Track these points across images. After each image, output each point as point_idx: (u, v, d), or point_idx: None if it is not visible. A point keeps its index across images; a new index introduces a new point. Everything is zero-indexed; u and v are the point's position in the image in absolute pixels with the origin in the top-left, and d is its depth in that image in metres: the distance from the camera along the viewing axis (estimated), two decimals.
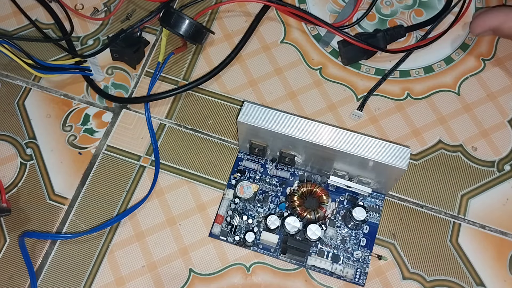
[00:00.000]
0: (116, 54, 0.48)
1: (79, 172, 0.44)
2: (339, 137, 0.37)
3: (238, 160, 0.44)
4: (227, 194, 0.43)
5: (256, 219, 0.42)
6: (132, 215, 0.42)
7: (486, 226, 0.42)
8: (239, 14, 0.51)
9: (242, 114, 0.38)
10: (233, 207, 0.42)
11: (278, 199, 0.42)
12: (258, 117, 0.38)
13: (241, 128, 0.39)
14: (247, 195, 0.42)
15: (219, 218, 0.42)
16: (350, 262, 0.40)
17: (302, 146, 0.39)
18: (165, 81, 0.48)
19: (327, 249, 0.41)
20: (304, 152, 0.40)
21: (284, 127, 0.38)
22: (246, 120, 0.38)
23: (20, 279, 0.41)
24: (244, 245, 0.41)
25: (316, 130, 0.38)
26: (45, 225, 0.42)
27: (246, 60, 0.48)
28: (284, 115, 0.38)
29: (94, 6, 0.51)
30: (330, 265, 0.40)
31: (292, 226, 0.40)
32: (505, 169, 0.44)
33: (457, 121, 0.46)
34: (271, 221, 0.40)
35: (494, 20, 0.45)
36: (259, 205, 0.42)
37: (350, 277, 0.40)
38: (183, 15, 0.46)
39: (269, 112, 0.38)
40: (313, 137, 0.38)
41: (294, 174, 0.43)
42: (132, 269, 0.41)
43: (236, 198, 0.42)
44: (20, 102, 0.47)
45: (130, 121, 0.46)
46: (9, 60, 0.45)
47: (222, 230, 0.42)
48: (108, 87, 0.47)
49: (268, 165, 0.44)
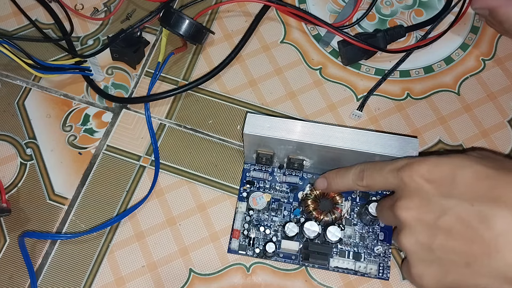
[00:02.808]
0: (116, 54, 0.48)
1: (79, 172, 0.44)
2: (347, 137, 0.37)
3: (245, 172, 0.43)
4: (239, 207, 0.42)
5: (273, 228, 0.41)
6: (132, 215, 0.42)
7: None
8: (239, 14, 0.51)
9: (247, 126, 0.38)
10: (248, 220, 0.41)
11: (291, 205, 0.42)
12: (264, 126, 0.37)
13: (247, 139, 0.39)
14: (260, 206, 0.41)
15: (236, 232, 0.41)
16: (372, 258, 0.40)
17: (311, 149, 0.39)
18: (165, 81, 0.48)
19: (347, 248, 0.41)
20: (313, 155, 0.40)
21: (291, 134, 0.37)
22: (252, 131, 0.37)
23: (20, 279, 0.41)
24: (265, 256, 0.40)
25: (324, 132, 0.37)
26: (45, 225, 0.42)
27: (246, 60, 0.48)
28: (288, 122, 0.38)
29: (94, 6, 0.51)
30: (353, 264, 0.40)
31: (311, 231, 0.39)
32: None
33: (457, 121, 0.46)
34: (289, 229, 0.40)
35: (495, 0, 0.45)
36: (273, 214, 0.42)
37: (374, 273, 0.40)
38: (183, 15, 0.46)
39: (273, 120, 0.38)
40: (322, 139, 0.37)
41: (303, 178, 0.43)
42: (132, 269, 0.41)
43: (250, 210, 0.41)
44: (20, 102, 0.47)
45: (130, 121, 0.46)
46: (9, 60, 0.45)
47: (240, 244, 0.41)
48: (108, 87, 0.47)
49: (276, 173, 0.43)
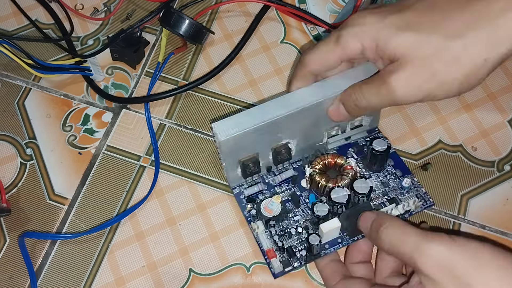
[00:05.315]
0: (116, 54, 0.48)
1: (79, 172, 0.44)
2: (315, 90, 0.37)
3: (238, 196, 0.41)
4: (256, 228, 0.39)
5: (302, 226, 0.39)
6: (132, 215, 0.42)
7: (486, 226, 0.42)
8: (239, 14, 0.51)
9: (219, 133, 0.35)
10: (273, 234, 0.38)
11: (303, 196, 0.40)
12: (234, 125, 0.36)
13: (225, 149, 0.37)
14: (276, 211, 0.38)
15: (270, 253, 0.38)
16: (407, 195, 0.40)
17: (291, 122, 0.37)
18: (165, 81, 0.48)
19: (380, 200, 0.40)
20: (295, 131, 0.38)
21: (265, 115, 0.36)
22: (228, 135, 0.35)
23: (20, 279, 0.41)
24: (313, 256, 0.37)
25: (293, 98, 0.37)
26: (45, 225, 0.42)
27: (246, 60, 0.48)
28: (255, 108, 0.37)
29: (94, 6, 0.51)
30: (396, 209, 0.39)
31: (341, 195, 0.37)
32: (505, 169, 0.44)
33: (457, 121, 0.46)
34: (319, 210, 0.37)
35: None
36: (290, 215, 0.39)
37: (420, 206, 0.39)
38: (183, 15, 0.46)
39: (239, 116, 0.36)
40: (296, 104, 0.36)
41: (296, 168, 0.42)
42: (132, 269, 0.41)
43: (268, 222, 0.38)
44: (20, 102, 0.47)
45: (130, 121, 0.46)
46: (9, 60, 0.45)
47: (282, 261, 0.38)
48: (108, 87, 0.47)
49: (268, 179, 0.41)
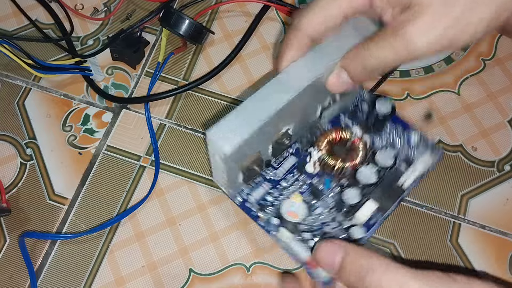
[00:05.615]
0: (116, 54, 0.48)
1: (79, 172, 0.44)
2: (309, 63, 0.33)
3: (243, 204, 0.38)
4: (282, 237, 0.34)
5: (332, 219, 0.35)
6: (132, 215, 0.42)
7: (486, 226, 0.42)
8: (239, 14, 0.51)
9: (220, 144, 0.31)
10: (305, 239, 0.34)
11: (315, 184, 0.37)
12: (233, 130, 0.32)
13: (231, 161, 0.33)
14: (302, 213, 0.33)
15: (311, 264, 0.33)
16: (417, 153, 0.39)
17: (290, 108, 0.34)
18: (165, 81, 0.48)
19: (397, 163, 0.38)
20: (293, 114, 0.36)
21: (265, 109, 0.32)
22: (232, 144, 0.31)
23: (20, 279, 0.41)
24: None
25: (287, 78, 0.33)
26: (45, 225, 0.42)
27: (246, 60, 0.48)
28: (246, 103, 0.33)
29: (94, 6, 0.51)
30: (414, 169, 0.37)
31: (369, 173, 0.34)
32: (505, 169, 0.44)
33: (457, 121, 0.46)
34: (349, 198, 0.34)
35: None
36: (316, 213, 0.36)
37: (434, 160, 0.38)
38: (183, 15, 0.46)
39: (234, 116, 0.33)
40: (295, 85, 0.33)
41: (296, 154, 0.39)
42: (132, 269, 0.41)
43: (296, 227, 0.35)
44: (20, 102, 0.47)
45: (130, 121, 0.46)
46: (9, 60, 0.45)
47: None
48: (108, 87, 0.47)
49: (269, 175, 0.39)
